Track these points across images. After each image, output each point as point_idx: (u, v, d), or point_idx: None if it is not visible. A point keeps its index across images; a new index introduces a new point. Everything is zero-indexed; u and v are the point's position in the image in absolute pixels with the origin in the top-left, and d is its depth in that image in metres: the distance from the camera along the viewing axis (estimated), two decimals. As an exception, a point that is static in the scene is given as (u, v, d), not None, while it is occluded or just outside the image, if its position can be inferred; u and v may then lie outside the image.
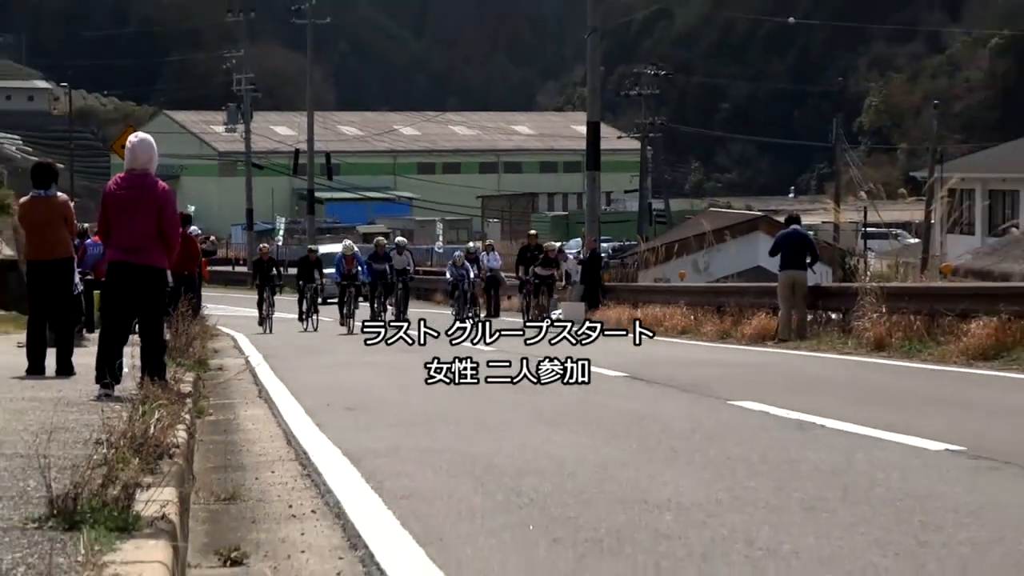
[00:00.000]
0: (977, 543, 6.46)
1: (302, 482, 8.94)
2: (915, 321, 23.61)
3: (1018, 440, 10.68)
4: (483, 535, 6.48)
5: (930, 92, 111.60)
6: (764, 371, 18.58)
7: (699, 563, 5.80)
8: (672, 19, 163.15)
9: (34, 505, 5.55)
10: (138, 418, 7.94)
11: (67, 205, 15.84)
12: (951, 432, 11.07)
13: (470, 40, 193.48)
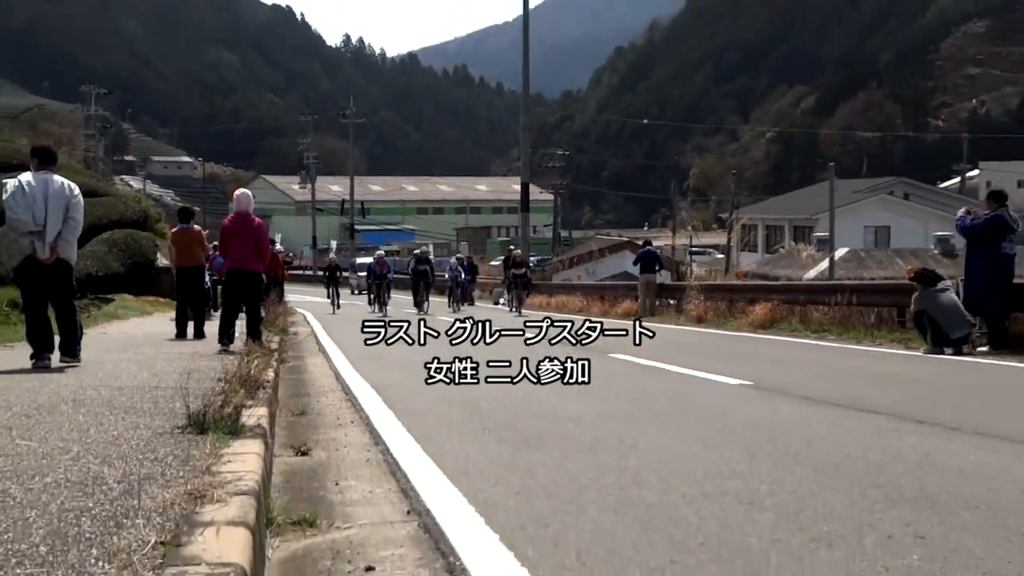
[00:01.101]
0: (760, 440, 8.18)
1: (345, 404, 10.84)
2: (721, 305, 29.57)
3: (785, 378, 12.49)
4: (457, 436, 8.19)
5: (730, 166, 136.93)
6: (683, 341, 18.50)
7: (588, 452, 7.45)
8: (573, 120, 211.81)
9: (178, 418, 7.11)
10: (244, 364, 9.70)
11: (200, 234, 21.12)
12: (743, 373, 12.80)
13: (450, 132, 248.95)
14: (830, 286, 30.15)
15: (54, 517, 4.33)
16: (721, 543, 4.70)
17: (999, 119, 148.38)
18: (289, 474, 6.98)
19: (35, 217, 11.83)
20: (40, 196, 11.92)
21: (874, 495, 5.69)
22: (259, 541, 4.44)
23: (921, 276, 17.76)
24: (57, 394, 9.11)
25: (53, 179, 12.21)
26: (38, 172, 12.30)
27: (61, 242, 12.09)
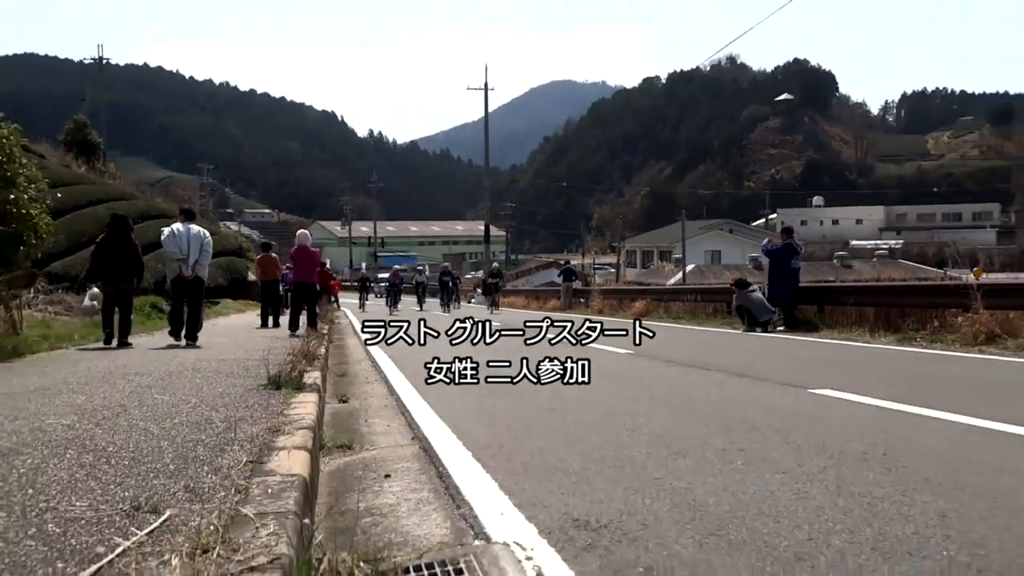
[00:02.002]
0: (639, 389, 8.25)
1: (372, 369, 10.58)
2: (613, 302, 29.26)
3: (655, 349, 11.83)
4: (448, 391, 7.70)
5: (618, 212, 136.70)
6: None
7: (529, 399, 7.40)
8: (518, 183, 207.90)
9: (261, 380, 7.11)
10: (305, 344, 9.72)
11: (275, 259, 21.46)
12: (627, 346, 11.69)
13: (438, 192, 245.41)
14: (683, 289, 30.66)
15: (179, 445, 4.38)
16: (615, 456, 4.73)
17: (788, 181, 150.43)
18: (334, 415, 6.93)
19: (180, 250, 12.93)
20: (184, 238, 12.99)
21: (712, 424, 5.71)
22: (315, 459, 4.46)
23: (739, 282, 18.18)
24: (182, 364, 9.10)
25: (192, 227, 13.28)
26: (184, 223, 13.28)
27: (198, 267, 13.18)
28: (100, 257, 12.48)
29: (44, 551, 2.65)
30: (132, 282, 12.66)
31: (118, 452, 4.20)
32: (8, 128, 11.15)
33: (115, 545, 2.68)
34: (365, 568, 2.91)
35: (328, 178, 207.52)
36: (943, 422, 5.51)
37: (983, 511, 3.46)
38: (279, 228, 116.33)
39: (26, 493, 3.38)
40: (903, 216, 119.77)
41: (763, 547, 3.06)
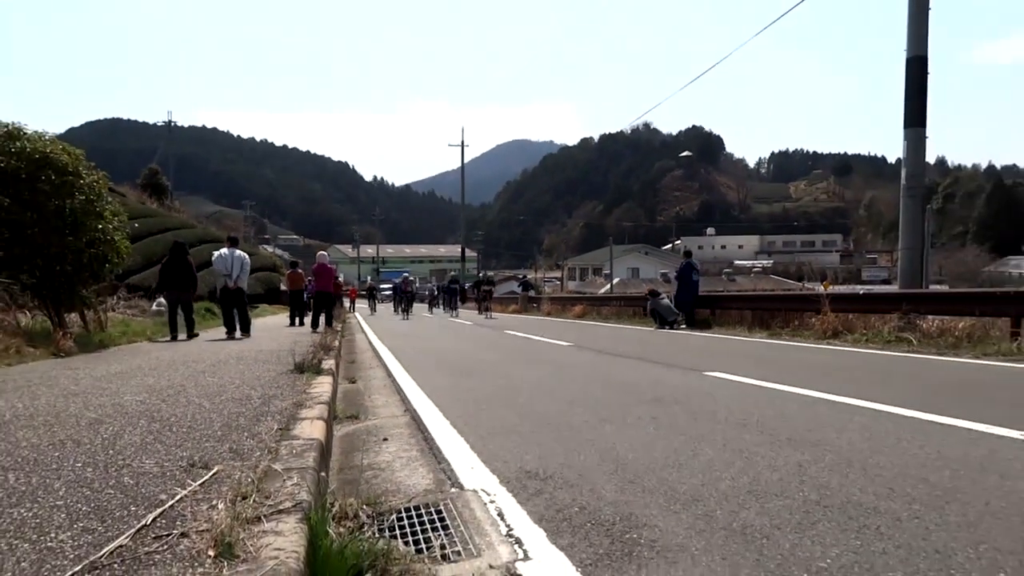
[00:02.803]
0: (577, 371, 8.12)
1: (374, 358, 10.39)
2: (559, 307, 28.85)
3: (589, 342, 11.70)
4: (430, 372, 8.00)
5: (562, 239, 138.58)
6: (513, 320, 18.21)
7: (493, 378, 7.45)
8: (486, 218, 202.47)
9: (289, 366, 6.96)
10: (323, 338, 9.62)
11: (301, 274, 20.97)
12: (569, 339, 12.59)
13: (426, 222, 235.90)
14: (610, 296, 30.81)
15: (225, 417, 4.32)
16: (558, 422, 4.71)
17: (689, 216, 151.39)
18: (345, 392, 6.82)
19: (226, 267, 13.41)
20: (229, 259, 13.49)
21: (631, 397, 5.70)
22: (330, 427, 4.41)
23: (652, 292, 18.28)
24: (228, 354, 8.94)
25: (236, 251, 13.80)
26: (230, 248, 13.85)
27: (239, 280, 13.58)
28: (165, 274, 13.10)
29: (121, 498, 2.65)
30: (189, 292, 13.21)
31: (178, 422, 4.14)
32: (98, 174, 11.23)
33: (174, 493, 2.65)
34: (367, 510, 2.90)
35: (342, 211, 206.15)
36: (802, 396, 5.55)
37: (829, 462, 3.49)
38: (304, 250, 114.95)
39: (108, 453, 3.36)
40: (772, 243, 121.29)
41: (668, 491, 3.08)
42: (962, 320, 10.21)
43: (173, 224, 33.89)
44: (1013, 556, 2.28)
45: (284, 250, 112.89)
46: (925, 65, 12.47)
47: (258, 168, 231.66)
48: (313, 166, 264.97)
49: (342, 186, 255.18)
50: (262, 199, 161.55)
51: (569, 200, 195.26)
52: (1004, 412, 4.71)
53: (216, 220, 68.92)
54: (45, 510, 2.50)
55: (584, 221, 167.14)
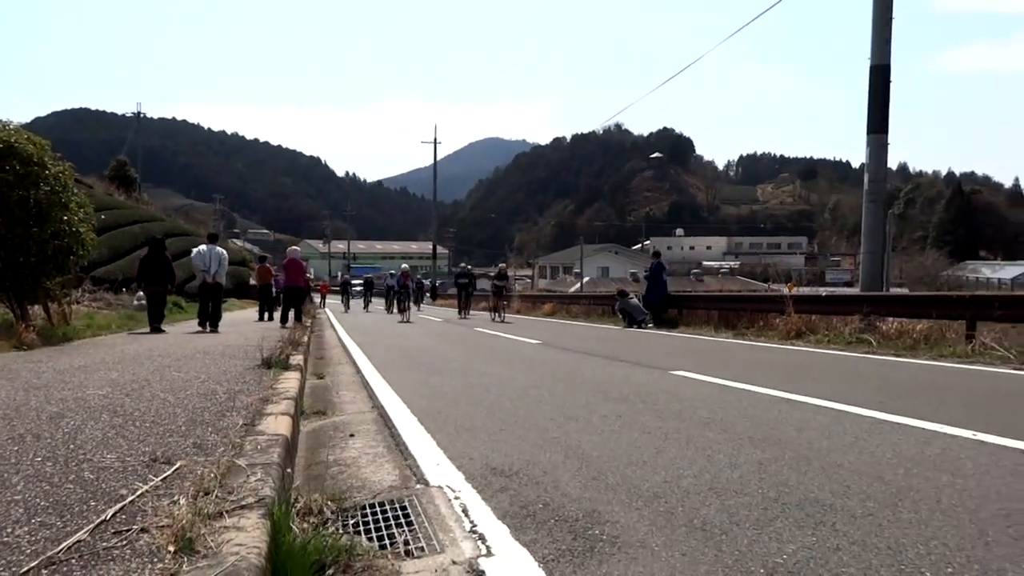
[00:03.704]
0: (546, 370, 8.11)
1: (343, 354, 10.32)
2: (530, 304, 28.77)
3: (558, 340, 11.74)
4: (398, 369, 7.99)
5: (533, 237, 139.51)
6: (482, 320, 18.60)
7: (462, 376, 7.44)
8: (459, 215, 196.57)
9: (256, 361, 6.87)
10: (291, 333, 9.46)
11: (269, 268, 21.02)
12: (538, 337, 12.61)
13: (398, 218, 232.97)
14: (580, 295, 30.94)
15: (189, 411, 4.26)
16: (525, 420, 4.73)
17: (659, 217, 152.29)
18: (313, 388, 6.75)
19: (205, 264, 13.84)
20: (208, 255, 13.92)
21: (597, 396, 5.72)
22: (296, 423, 4.38)
23: (621, 292, 18.36)
24: (195, 349, 8.82)
25: (215, 247, 14.24)
26: (209, 244, 14.30)
27: (218, 275, 13.99)
28: (143, 268, 13.54)
29: (81, 492, 2.60)
30: (165, 286, 13.70)
31: (142, 416, 4.08)
32: (64, 165, 11.01)
33: (136, 489, 2.62)
34: (332, 505, 2.88)
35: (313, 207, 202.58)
36: (765, 395, 5.62)
37: (789, 460, 3.54)
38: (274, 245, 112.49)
39: (68, 448, 3.30)
40: (740, 244, 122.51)
41: (631, 488, 3.10)
42: (920, 322, 10.41)
43: (141, 217, 33.31)
44: (961, 552, 2.34)
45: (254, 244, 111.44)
46: (888, 73, 12.69)
47: (228, 161, 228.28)
48: (284, 160, 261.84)
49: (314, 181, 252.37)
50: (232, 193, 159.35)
51: (541, 199, 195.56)
52: (957, 412, 4.81)
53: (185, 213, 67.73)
54: (2, 505, 2.45)
55: (555, 220, 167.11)
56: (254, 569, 1.87)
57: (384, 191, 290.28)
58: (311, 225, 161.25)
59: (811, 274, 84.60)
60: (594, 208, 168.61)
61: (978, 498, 2.90)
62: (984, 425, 4.32)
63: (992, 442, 3.90)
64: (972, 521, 2.63)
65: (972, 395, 5.74)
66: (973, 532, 2.52)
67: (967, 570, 2.20)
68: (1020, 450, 3.72)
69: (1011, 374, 7.14)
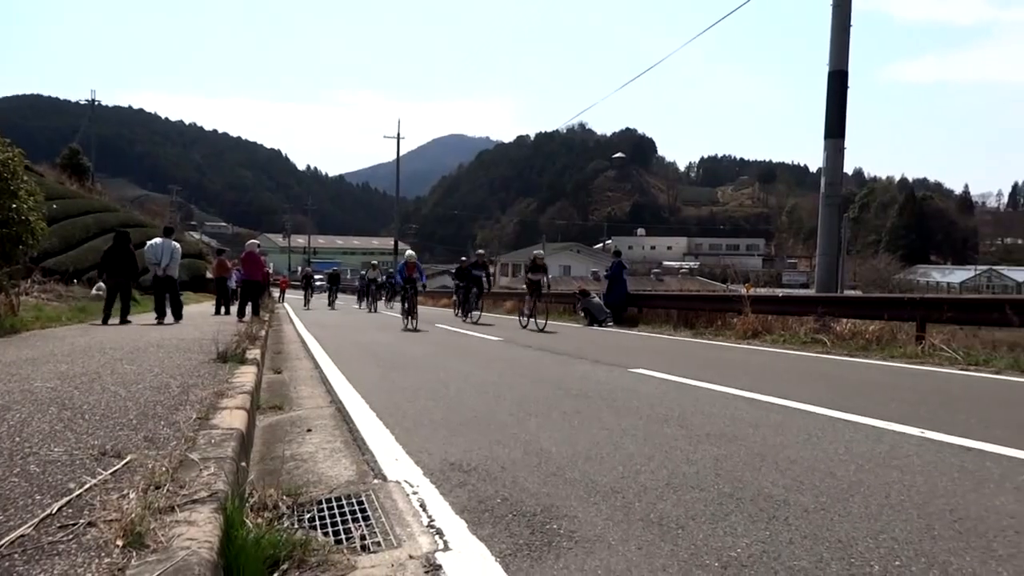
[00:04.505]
0: (505, 366, 8.12)
1: (302, 349, 10.22)
2: (492, 302, 27.29)
3: (517, 337, 11.73)
4: (358, 364, 7.94)
5: (496, 235, 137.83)
6: (444, 316, 18.50)
7: (422, 371, 7.42)
8: (421, 211, 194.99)
9: (212, 355, 6.79)
10: (249, 327, 9.32)
11: (226, 261, 20.56)
12: (500, 335, 12.53)
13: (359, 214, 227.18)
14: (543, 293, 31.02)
15: (141, 405, 4.18)
16: (485, 415, 4.73)
17: (620, 217, 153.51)
18: (270, 383, 6.68)
19: (156, 257, 13.82)
20: (160, 249, 13.94)
21: (557, 392, 5.75)
22: (252, 417, 4.31)
23: (583, 291, 18.48)
24: (149, 342, 8.64)
25: (169, 241, 14.32)
26: (163, 238, 14.34)
27: (170, 269, 13.96)
28: (107, 260, 13.38)
29: (26, 486, 2.52)
30: (129, 279, 13.64)
31: (91, 410, 3.98)
32: (13, 152, 10.70)
33: (84, 482, 2.55)
34: (287, 500, 2.84)
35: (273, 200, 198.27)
36: (722, 393, 5.70)
37: (743, 456, 3.60)
38: (233, 238, 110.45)
39: (14, 441, 3.20)
40: (700, 245, 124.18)
41: (589, 483, 3.12)
42: (872, 324, 10.65)
43: (94, 207, 32.49)
44: (909, 545, 2.39)
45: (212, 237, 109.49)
46: (845, 79, 12.94)
47: (186, 152, 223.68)
48: (244, 152, 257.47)
49: (274, 174, 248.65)
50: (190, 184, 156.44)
51: (504, 196, 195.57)
52: (907, 411, 4.94)
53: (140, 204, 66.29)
54: (-59, 499, 2.37)
55: (518, 218, 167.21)
56: (205, 563, 1.83)
57: (346, 186, 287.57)
58: (271, 219, 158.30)
59: (768, 275, 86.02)
60: (557, 207, 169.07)
61: (925, 493, 2.98)
62: (931, 423, 4.44)
63: (939, 439, 4.01)
64: (920, 515, 2.70)
65: (921, 394, 5.88)
66: (920, 526, 2.58)
67: (914, 563, 2.26)
68: (965, 447, 3.83)
69: (958, 374, 7.35)
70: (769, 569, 2.20)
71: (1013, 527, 2.57)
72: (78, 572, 1.83)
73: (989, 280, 74.29)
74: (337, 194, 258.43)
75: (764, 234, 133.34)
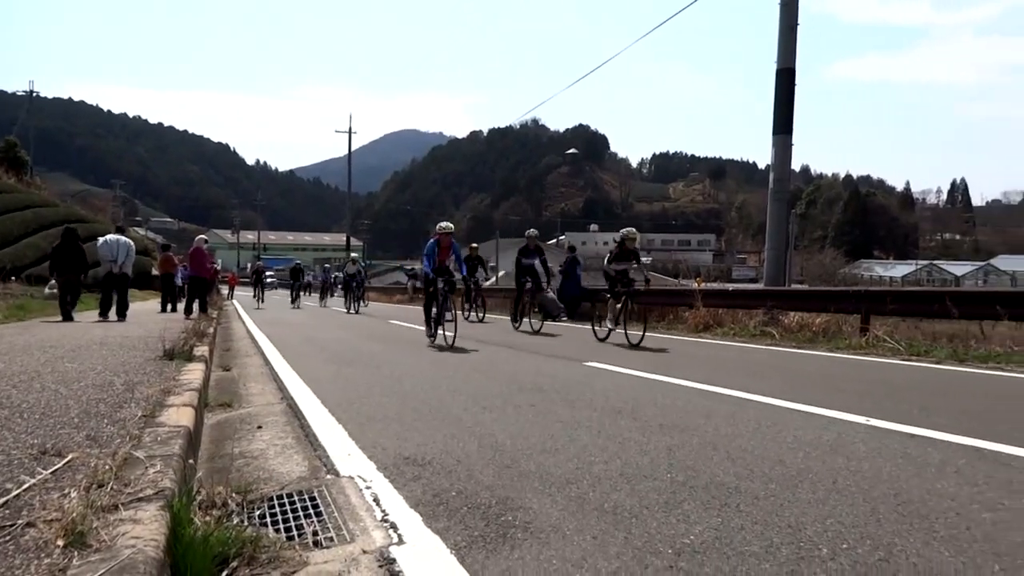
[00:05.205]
0: (459, 362, 8.07)
1: (252, 346, 10.00)
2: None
3: (470, 333, 11.79)
4: (310, 361, 7.83)
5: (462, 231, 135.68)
6: (399, 311, 18.35)
7: (375, 367, 7.34)
8: (373, 207, 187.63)
9: (158, 352, 6.64)
10: (196, 324, 9.12)
11: (172, 257, 19.90)
12: (464, 332, 12.31)
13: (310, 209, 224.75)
14: (496, 288, 30.84)
15: (83, 403, 4.06)
16: (439, 410, 4.71)
17: (573, 212, 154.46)
18: (219, 380, 6.52)
19: (112, 254, 13.87)
20: (115, 245, 14.00)
21: (512, 387, 5.75)
22: (200, 414, 4.22)
23: (537, 285, 18.46)
24: (92, 339, 8.39)
25: (121, 238, 14.38)
26: (115, 234, 14.53)
27: (124, 266, 14.07)
28: (57, 258, 13.38)
29: (-43, 489, 2.41)
30: (79, 276, 13.59)
31: (30, 408, 3.85)
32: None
33: (22, 482, 2.46)
34: (237, 497, 2.78)
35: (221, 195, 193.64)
36: (675, 385, 5.76)
37: (696, 446, 3.65)
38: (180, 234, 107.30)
39: (-56, 443, 3.06)
40: (652, 240, 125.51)
41: (544, 475, 3.13)
42: (819, 316, 10.92)
43: (32, 201, 31.45)
44: (856, 529, 2.45)
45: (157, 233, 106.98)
46: (793, 77, 13.21)
47: (130, 146, 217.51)
48: (191, 146, 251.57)
49: (222, 169, 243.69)
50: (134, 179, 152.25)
51: (457, 192, 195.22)
52: (852, 400, 5.07)
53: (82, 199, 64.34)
54: None
55: (472, 213, 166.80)
56: (151, 562, 1.78)
57: (297, 181, 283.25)
58: (219, 214, 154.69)
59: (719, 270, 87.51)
60: (510, 202, 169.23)
61: (870, 479, 3.06)
62: (876, 412, 4.56)
63: (883, 427, 4.12)
64: (865, 500, 2.77)
65: (865, 384, 6.04)
66: (866, 510, 2.65)
67: (860, 545, 2.31)
68: (908, 434, 3.94)
69: (900, 364, 7.57)
70: (721, 555, 2.24)
71: (953, 509, 2.66)
72: (16, 574, 1.76)
73: (929, 274, 76.74)
74: (288, 189, 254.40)
75: (715, 229, 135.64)
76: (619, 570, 2.13)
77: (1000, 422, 4.33)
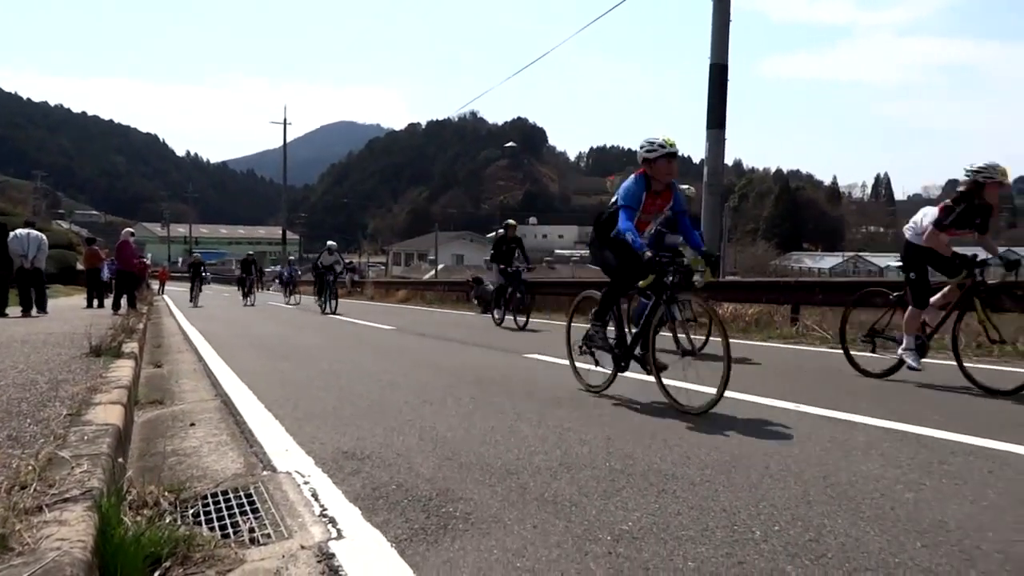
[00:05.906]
0: (400, 355, 8.03)
1: (184, 342, 9.71)
2: (384, 291, 27.98)
3: (412, 326, 11.72)
4: (245, 355, 7.70)
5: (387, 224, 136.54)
6: (363, 309, 18.70)
7: (313, 362, 7.27)
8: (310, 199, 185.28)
9: (84, 349, 6.35)
10: (125, 320, 8.77)
11: (97, 251, 19.49)
12: (392, 323, 12.44)
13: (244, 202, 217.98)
14: (435, 281, 30.79)
15: (3, 403, 3.88)
16: (379, 404, 4.68)
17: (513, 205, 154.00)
18: (149, 377, 6.33)
19: (23, 249, 13.76)
20: (25, 240, 13.87)
21: (451, 380, 5.75)
22: (130, 412, 4.07)
23: (476, 279, 18.68)
24: (12, 337, 8.04)
25: (32, 231, 14.29)
26: (25, 228, 14.37)
27: (36, 260, 13.92)
28: None
29: None
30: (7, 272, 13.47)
31: (-55, 410, 3.65)
32: None
33: (-64, 487, 2.33)
34: (169, 496, 2.71)
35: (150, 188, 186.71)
36: (612, 376, 5.85)
37: (633, 435, 3.71)
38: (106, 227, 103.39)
39: None
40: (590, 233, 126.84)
41: (484, 466, 3.14)
42: (752, 307, 11.22)
43: (-56, 193, 29.90)
44: (787, 511, 2.53)
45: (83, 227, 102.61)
46: (726, 72, 13.48)
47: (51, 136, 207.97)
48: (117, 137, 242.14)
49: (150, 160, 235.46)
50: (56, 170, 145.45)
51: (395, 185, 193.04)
52: (783, 387, 5.24)
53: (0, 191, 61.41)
54: None
55: (410, 207, 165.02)
56: (78, 563, 1.72)
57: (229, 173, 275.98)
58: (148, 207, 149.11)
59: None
60: (449, 195, 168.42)
61: (801, 463, 3.16)
62: (806, 398, 4.72)
63: (813, 413, 4.27)
64: (796, 483, 2.86)
65: (795, 372, 6.24)
66: (797, 492, 2.74)
67: (792, 527, 2.39)
68: (836, 419, 4.09)
69: (828, 352, 7.83)
70: (658, 540, 2.28)
71: (879, 490, 2.77)
72: (-69, 582, 1.68)
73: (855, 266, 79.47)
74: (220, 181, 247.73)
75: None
76: (559, 558, 2.15)
77: (923, 406, 4.53)
